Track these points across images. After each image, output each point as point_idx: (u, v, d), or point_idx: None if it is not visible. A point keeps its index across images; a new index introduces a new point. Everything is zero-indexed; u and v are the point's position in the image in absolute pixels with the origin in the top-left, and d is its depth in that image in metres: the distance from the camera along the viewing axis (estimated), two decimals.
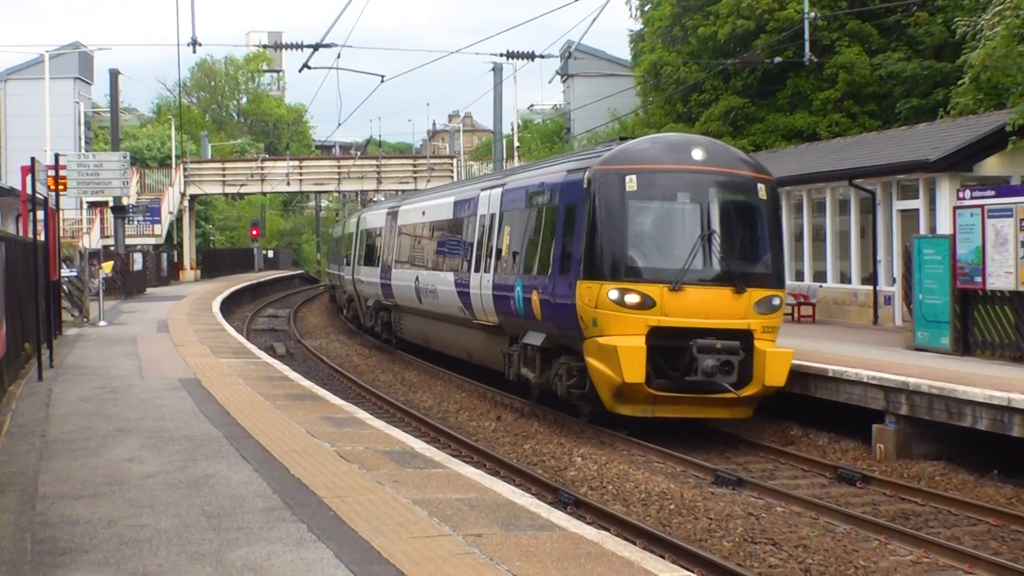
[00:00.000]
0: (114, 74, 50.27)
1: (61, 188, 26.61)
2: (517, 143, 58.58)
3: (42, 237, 22.35)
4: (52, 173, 25.94)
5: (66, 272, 31.50)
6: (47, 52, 57.38)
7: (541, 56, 34.26)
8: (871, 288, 27.27)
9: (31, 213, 21.86)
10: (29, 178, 20.91)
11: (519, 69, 64.38)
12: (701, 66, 42.63)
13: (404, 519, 9.07)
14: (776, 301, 17.85)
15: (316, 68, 32.43)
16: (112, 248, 48.44)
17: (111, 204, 49.14)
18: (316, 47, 29.90)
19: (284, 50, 35.93)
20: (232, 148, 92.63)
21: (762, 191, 18.18)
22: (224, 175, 65.63)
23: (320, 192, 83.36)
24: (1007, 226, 18.72)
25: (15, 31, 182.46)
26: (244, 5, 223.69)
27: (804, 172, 30.22)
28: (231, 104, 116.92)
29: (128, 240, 51.75)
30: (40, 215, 22.34)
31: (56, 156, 26.96)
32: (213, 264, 72.67)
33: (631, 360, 16.84)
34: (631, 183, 17.67)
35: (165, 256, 59.63)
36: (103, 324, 31.01)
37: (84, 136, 64.98)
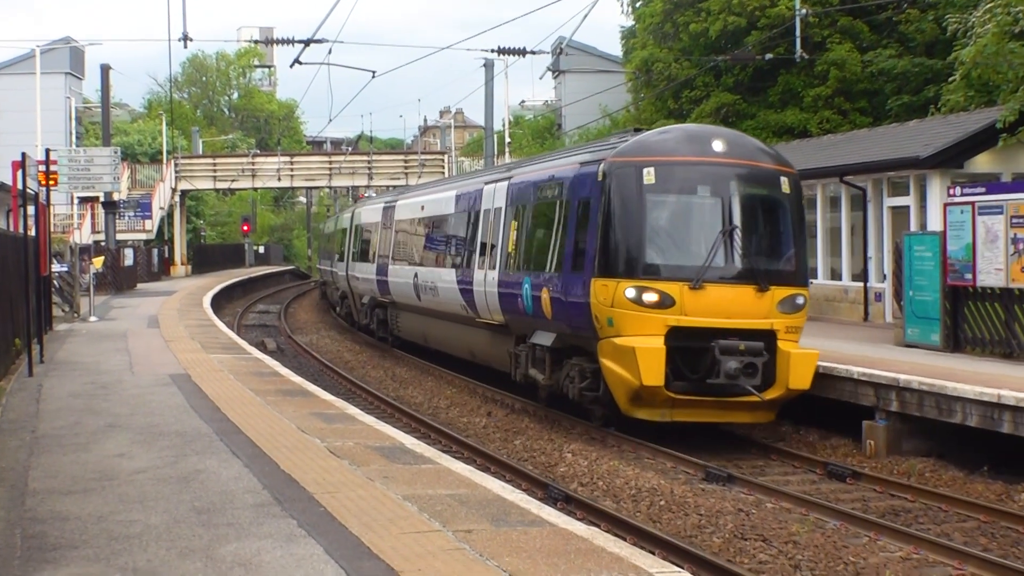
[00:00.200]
0: (105, 69, 50.20)
1: (52, 183, 26.63)
2: (508, 139, 58.64)
3: (32, 232, 22.30)
4: (43, 168, 25.94)
5: (57, 267, 31.47)
6: (38, 47, 57.22)
7: (532, 52, 34.20)
8: (862, 285, 27.28)
9: (22, 208, 21.83)
10: (20, 173, 20.87)
11: (511, 65, 64.48)
12: (692, 63, 42.62)
13: (394, 515, 9.07)
14: (800, 300, 17.14)
15: (307, 64, 32.55)
16: (103, 243, 48.39)
17: (102, 199, 49.14)
18: (307, 42, 29.84)
19: (275, 45, 35.89)
20: (223, 144, 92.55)
21: (785, 184, 17.47)
22: (215, 171, 65.61)
23: (311, 188, 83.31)
24: (997, 223, 18.77)
25: (6, 26, 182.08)
26: (235, 0, 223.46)
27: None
28: (222, 99, 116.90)
29: (119, 235, 51.72)
30: (31, 210, 22.29)
31: (47, 151, 26.96)
32: (204, 260, 72.60)
33: (650, 362, 16.17)
34: (649, 176, 16.93)
35: (156, 252, 59.57)
36: (94, 320, 30.95)
37: (75, 131, 64.96)
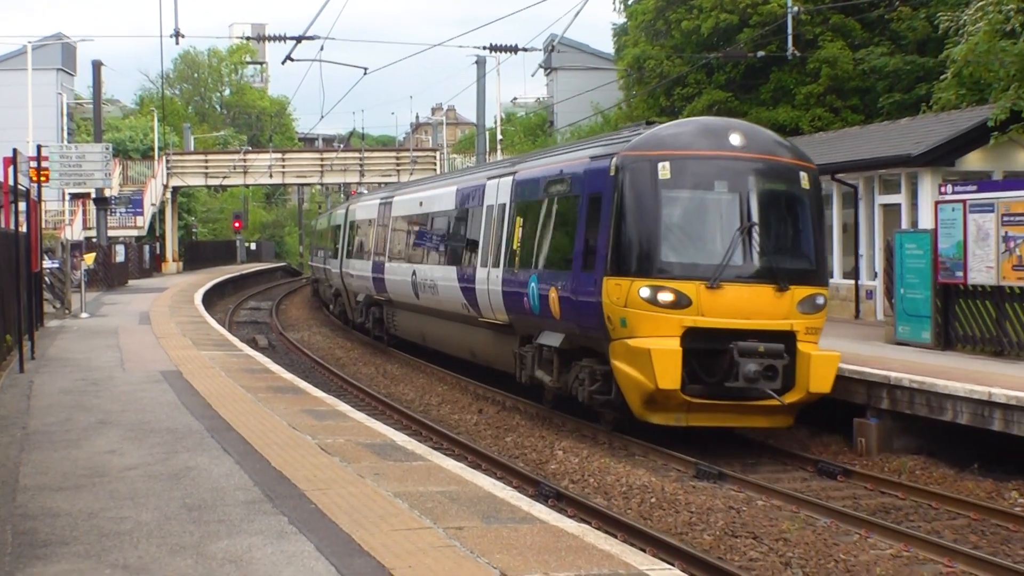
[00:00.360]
0: (97, 65, 50.15)
1: (43, 179, 26.58)
2: (500, 136, 58.59)
3: (24, 228, 22.26)
4: (34, 164, 25.89)
5: (48, 264, 31.40)
6: (30, 43, 57.09)
7: (524, 49, 34.16)
8: (853, 282, 27.33)
9: (13, 204, 21.78)
10: (11, 169, 20.83)
11: (502, 62, 64.35)
12: (684, 60, 42.62)
13: (385, 512, 9.07)
14: (820, 300, 16.67)
15: (299, 60, 32.45)
16: (94, 240, 48.37)
17: (93, 196, 49.09)
18: (299, 39, 29.80)
19: (267, 42, 35.92)
20: (215, 140, 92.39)
21: (804, 180, 16.87)
22: (207, 167, 65.53)
23: (302, 184, 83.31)
24: (988, 221, 18.79)
25: None
26: None
27: None
28: (214, 96, 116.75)
29: (110, 232, 51.71)
30: (22, 206, 22.24)
31: (38, 147, 26.90)
32: (195, 256, 72.55)
33: (665, 364, 15.54)
34: (664, 171, 16.27)
35: (147, 248, 59.48)
36: (85, 316, 30.92)
37: (67, 127, 64.85)
